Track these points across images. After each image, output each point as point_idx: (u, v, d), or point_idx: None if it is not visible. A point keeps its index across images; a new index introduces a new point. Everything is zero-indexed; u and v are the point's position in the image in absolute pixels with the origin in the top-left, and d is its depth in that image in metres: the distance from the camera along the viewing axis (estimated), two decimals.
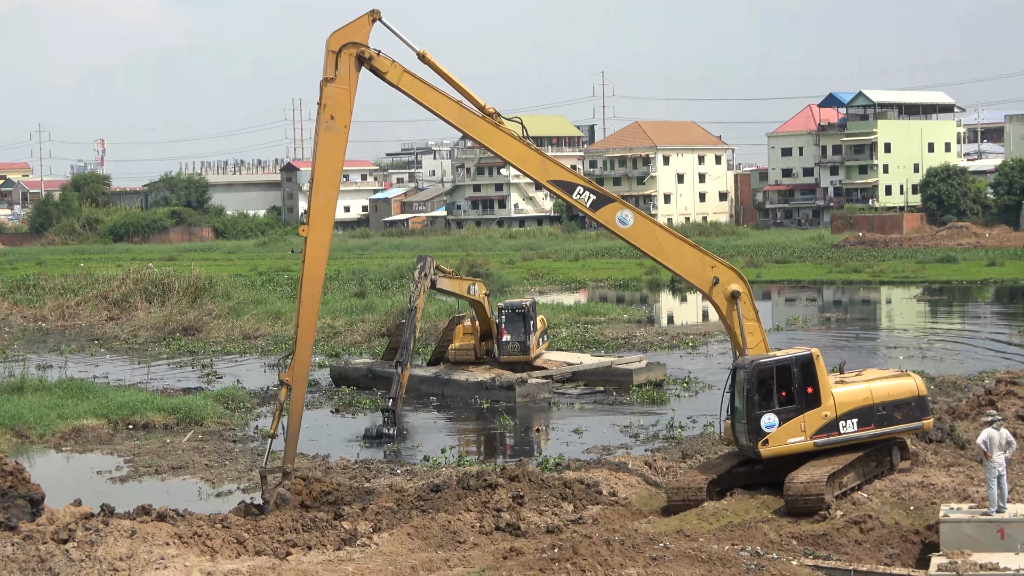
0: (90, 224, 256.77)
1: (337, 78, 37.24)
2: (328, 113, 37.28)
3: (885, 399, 37.40)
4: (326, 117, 37.28)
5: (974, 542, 29.60)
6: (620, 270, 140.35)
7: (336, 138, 37.40)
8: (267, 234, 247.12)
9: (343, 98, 37.38)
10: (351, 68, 37.36)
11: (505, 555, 30.35)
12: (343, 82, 37.31)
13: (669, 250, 39.38)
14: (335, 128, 37.40)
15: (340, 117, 37.40)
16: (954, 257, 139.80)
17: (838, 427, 36.81)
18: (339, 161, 37.73)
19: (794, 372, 36.76)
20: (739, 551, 30.73)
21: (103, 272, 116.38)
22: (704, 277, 39.18)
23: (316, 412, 58.52)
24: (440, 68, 38.51)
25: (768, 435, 36.55)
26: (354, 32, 37.54)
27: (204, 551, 31.52)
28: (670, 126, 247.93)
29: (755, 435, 36.70)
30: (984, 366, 64.79)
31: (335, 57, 37.22)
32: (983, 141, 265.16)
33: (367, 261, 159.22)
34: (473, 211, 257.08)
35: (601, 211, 38.96)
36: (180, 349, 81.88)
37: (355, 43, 37.40)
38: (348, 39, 37.38)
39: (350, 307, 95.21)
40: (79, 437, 52.39)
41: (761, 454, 36.76)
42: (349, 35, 37.47)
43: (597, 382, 62.89)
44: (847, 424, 36.89)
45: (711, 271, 39.15)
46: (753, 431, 36.72)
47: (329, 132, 37.32)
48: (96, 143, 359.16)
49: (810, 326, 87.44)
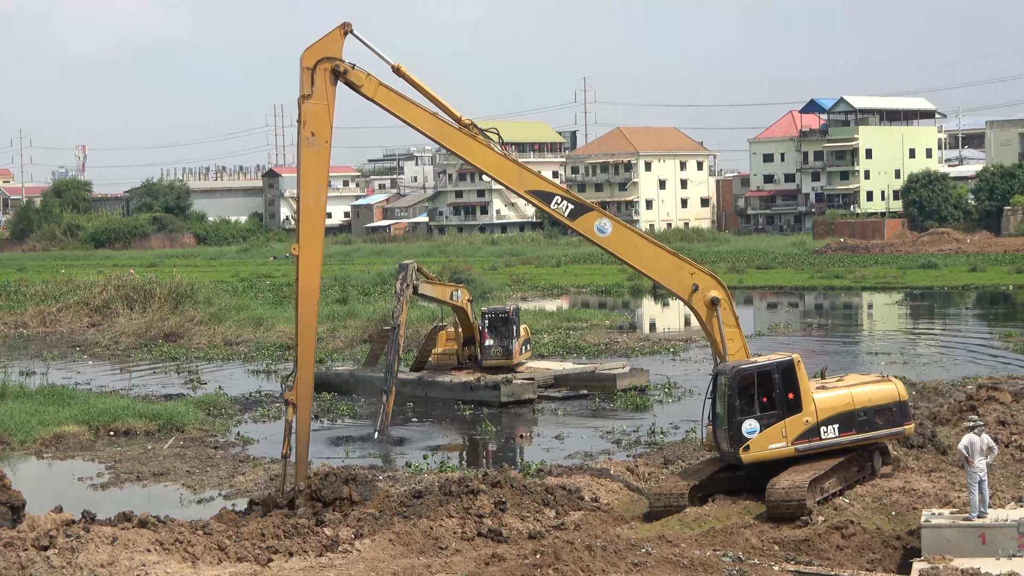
0: (71, 230, 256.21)
1: (314, 94, 37.42)
2: (308, 130, 37.43)
3: (866, 404, 37.45)
4: (307, 134, 37.43)
5: (955, 547, 29.65)
6: (602, 276, 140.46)
7: (319, 154, 37.53)
8: (249, 240, 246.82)
9: (322, 114, 37.48)
10: (327, 83, 37.48)
11: (487, 561, 30.33)
12: (320, 98, 37.46)
13: (648, 257, 39.41)
14: (317, 144, 37.53)
15: (320, 133, 37.53)
16: (935, 263, 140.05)
17: (819, 433, 36.87)
18: (324, 176, 37.90)
19: (775, 378, 36.82)
20: (721, 557, 30.77)
21: (84, 278, 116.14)
22: (684, 284, 39.19)
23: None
24: (415, 80, 38.60)
25: (749, 441, 36.62)
26: (327, 47, 37.64)
27: (185, 558, 31.46)
28: (652, 132, 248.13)
29: (736, 441, 36.76)
30: (965, 372, 64.90)
31: (310, 73, 37.43)
32: (964, 147, 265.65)
33: (349, 267, 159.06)
34: (455, 217, 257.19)
35: (579, 220, 39.02)
36: (162, 355, 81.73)
37: (329, 58, 37.53)
38: (322, 54, 37.54)
39: (332, 313, 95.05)
40: (60, 444, 52.24)
41: (743, 460, 36.81)
42: (322, 50, 37.61)
43: (580, 387, 62.88)
44: (828, 430, 36.94)
45: (690, 278, 39.17)
46: (734, 437, 36.78)
47: (311, 149, 37.46)
48: (77, 149, 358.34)
49: (792, 331, 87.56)
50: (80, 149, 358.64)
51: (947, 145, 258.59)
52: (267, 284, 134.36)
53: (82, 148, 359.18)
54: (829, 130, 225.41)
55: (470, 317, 63.05)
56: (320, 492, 36.81)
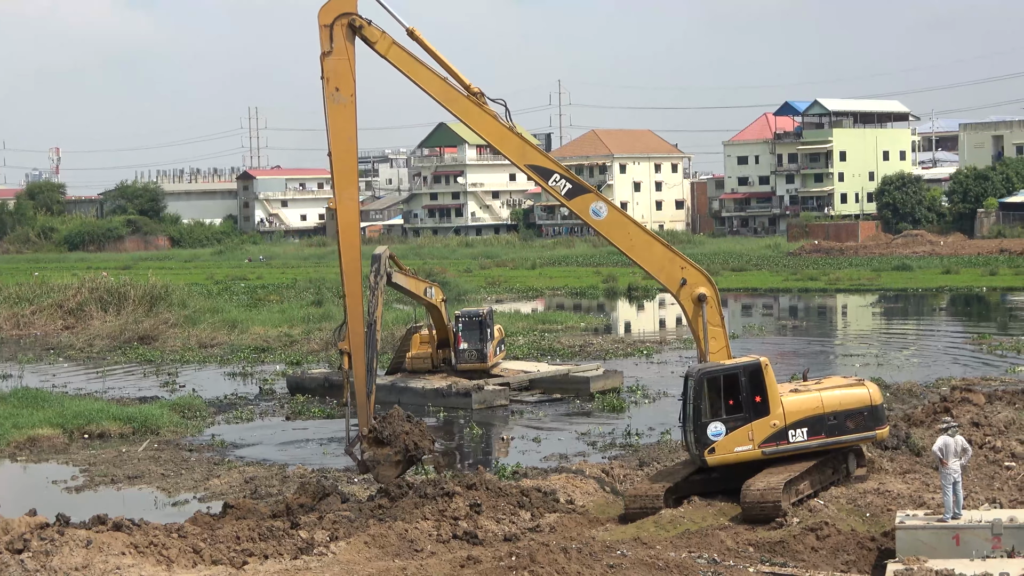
0: (45, 233, 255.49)
1: (334, 50, 38.11)
2: (332, 86, 38.16)
3: (836, 408, 37.38)
4: (331, 90, 38.17)
5: (930, 549, 29.73)
6: (577, 278, 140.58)
7: (345, 108, 38.22)
8: (223, 243, 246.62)
9: (343, 68, 38.15)
10: (345, 39, 38.20)
11: (462, 563, 30.32)
12: (340, 53, 38.12)
13: (640, 247, 39.51)
14: (342, 99, 38.24)
15: (344, 87, 38.23)
16: (909, 265, 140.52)
17: (787, 436, 36.89)
18: (352, 129, 38.48)
19: (742, 380, 36.88)
20: (696, 558, 30.80)
21: (58, 281, 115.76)
22: (673, 277, 39.25)
23: (271, 420, 58.70)
24: (428, 45, 39.19)
25: (714, 443, 36.70)
26: (344, 3, 38.24)
27: (160, 561, 31.39)
28: (627, 134, 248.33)
29: (701, 443, 36.87)
30: (940, 373, 65.08)
31: (329, 30, 38.11)
32: (938, 149, 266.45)
33: (324, 270, 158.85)
34: (430, 219, 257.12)
35: (575, 200, 39.21)
36: (137, 358, 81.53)
37: (346, 13, 38.11)
38: (339, 10, 38.20)
39: (307, 316, 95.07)
40: (34, 446, 52.09)
41: (708, 462, 36.91)
42: (339, 6, 38.27)
43: (554, 390, 62.84)
44: (796, 433, 36.97)
45: (680, 272, 39.19)
46: (699, 439, 36.89)
47: (337, 104, 38.19)
48: (51, 151, 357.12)
49: (767, 333, 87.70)
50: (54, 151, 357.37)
51: (921, 148, 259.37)
52: (242, 287, 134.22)
53: (56, 150, 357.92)
54: (803, 132, 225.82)
55: (444, 318, 62.88)
56: (382, 434, 38.19)
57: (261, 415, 60.06)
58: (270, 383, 68.81)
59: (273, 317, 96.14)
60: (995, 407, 46.42)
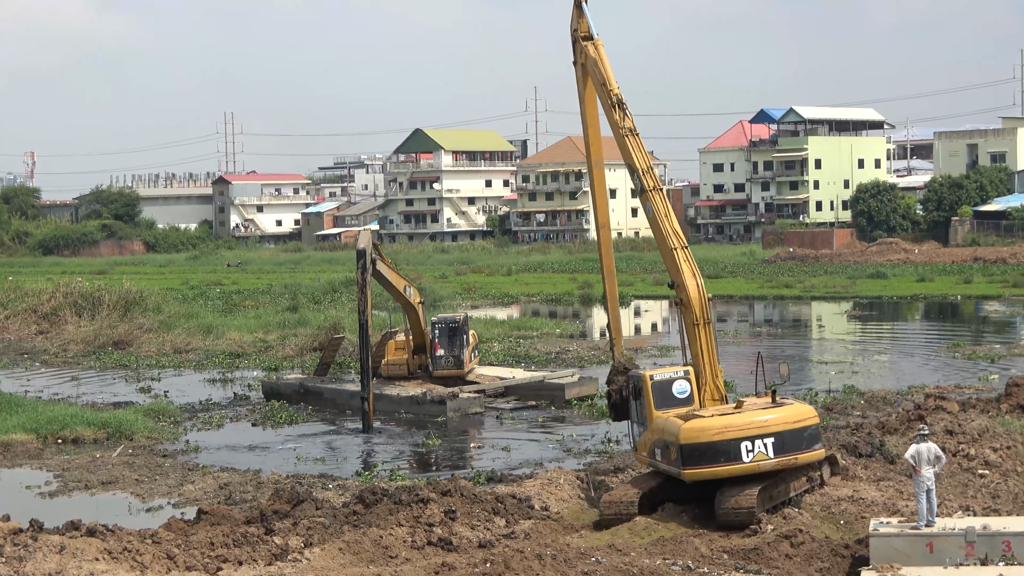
0: (19, 237, 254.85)
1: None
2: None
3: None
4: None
5: (903, 556, 29.81)
6: (552, 285, 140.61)
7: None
8: (198, 248, 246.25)
9: None
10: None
11: (437, 570, 30.31)
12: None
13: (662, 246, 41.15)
14: None
15: None
16: (884, 273, 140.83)
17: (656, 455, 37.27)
18: None
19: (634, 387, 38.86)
20: (671, 565, 30.83)
21: (32, 286, 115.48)
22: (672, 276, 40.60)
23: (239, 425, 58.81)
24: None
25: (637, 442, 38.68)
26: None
27: (134, 567, 31.33)
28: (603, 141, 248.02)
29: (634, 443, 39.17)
30: (914, 381, 65.22)
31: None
32: (912, 158, 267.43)
33: (299, 275, 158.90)
34: (406, 225, 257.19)
35: (641, 196, 41.73)
36: (111, 363, 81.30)
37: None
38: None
39: (283, 321, 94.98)
40: (7, 452, 51.93)
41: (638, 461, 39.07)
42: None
43: (529, 396, 62.83)
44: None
45: (677, 275, 40.23)
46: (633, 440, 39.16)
47: None
48: (26, 155, 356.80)
49: (740, 340, 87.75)
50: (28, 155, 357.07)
51: (896, 156, 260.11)
52: (217, 292, 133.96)
53: (30, 154, 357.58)
54: (779, 140, 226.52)
55: (421, 321, 62.84)
56: None
57: (233, 420, 59.97)
58: (254, 388, 68.52)
59: (248, 323, 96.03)
60: (969, 415, 46.50)
